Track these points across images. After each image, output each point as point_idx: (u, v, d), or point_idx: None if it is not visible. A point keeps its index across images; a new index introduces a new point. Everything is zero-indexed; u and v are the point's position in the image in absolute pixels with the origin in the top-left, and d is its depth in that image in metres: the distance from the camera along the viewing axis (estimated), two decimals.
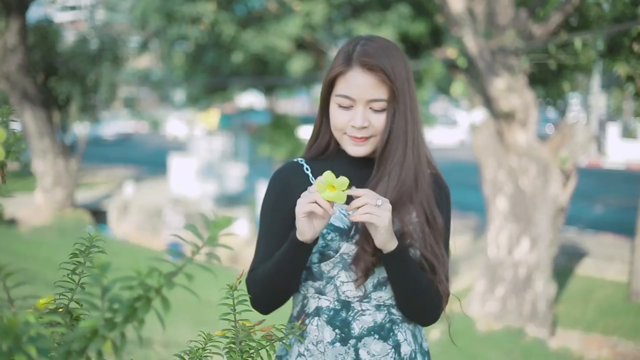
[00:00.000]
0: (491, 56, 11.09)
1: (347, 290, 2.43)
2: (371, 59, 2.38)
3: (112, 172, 33.78)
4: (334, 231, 2.39)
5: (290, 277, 2.37)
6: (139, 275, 1.16)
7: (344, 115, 2.41)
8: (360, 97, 2.39)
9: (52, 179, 23.30)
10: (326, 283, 2.43)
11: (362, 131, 2.41)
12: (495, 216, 11.85)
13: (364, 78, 2.39)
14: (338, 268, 2.41)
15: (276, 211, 2.43)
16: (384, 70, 2.39)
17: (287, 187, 2.46)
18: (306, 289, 2.48)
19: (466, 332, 11.54)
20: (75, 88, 26.73)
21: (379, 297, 2.45)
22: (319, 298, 2.45)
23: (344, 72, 2.40)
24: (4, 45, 21.74)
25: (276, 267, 2.35)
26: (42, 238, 19.14)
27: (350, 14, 18.28)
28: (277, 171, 2.52)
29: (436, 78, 13.28)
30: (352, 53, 2.41)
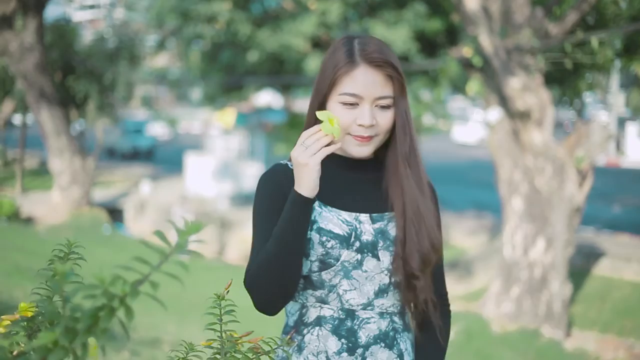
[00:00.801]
0: (507, 55, 11.02)
1: (350, 298, 2.37)
2: (379, 55, 2.34)
3: (129, 170, 33.85)
4: (334, 238, 2.33)
5: (297, 249, 2.26)
6: (102, 283, 1.11)
7: (348, 114, 2.34)
8: (368, 95, 2.34)
9: (69, 178, 23.34)
10: (328, 292, 2.36)
11: (369, 130, 2.36)
12: (511, 216, 11.78)
13: (372, 75, 2.34)
14: (340, 276, 2.35)
15: (271, 211, 2.35)
16: (393, 66, 2.36)
17: (279, 187, 2.39)
18: (305, 298, 2.40)
19: (481, 332, 11.47)
20: (93, 87, 26.81)
21: (381, 305, 2.39)
22: (320, 307, 2.38)
23: (349, 70, 2.34)
24: (21, 45, 21.79)
25: (280, 240, 2.25)
26: (58, 237, 19.16)
27: (366, 13, 18.22)
28: (266, 173, 2.44)
29: (452, 77, 13.20)
30: (354, 51, 2.35)
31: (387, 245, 2.38)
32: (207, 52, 20.99)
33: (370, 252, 2.36)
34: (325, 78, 2.37)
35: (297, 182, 2.27)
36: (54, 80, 25.44)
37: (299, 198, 2.26)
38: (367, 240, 2.36)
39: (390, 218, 2.42)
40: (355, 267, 2.35)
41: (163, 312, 9.29)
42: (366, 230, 2.37)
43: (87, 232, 20.94)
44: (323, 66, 2.41)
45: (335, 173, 2.42)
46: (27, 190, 28.96)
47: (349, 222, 2.37)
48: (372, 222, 2.40)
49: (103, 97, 27.82)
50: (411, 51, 17.33)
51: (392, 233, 2.39)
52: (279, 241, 2.25)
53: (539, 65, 11.09)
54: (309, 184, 2.25)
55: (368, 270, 2.36)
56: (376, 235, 2.37)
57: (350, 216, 2.38)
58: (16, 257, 12.09)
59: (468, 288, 15.11)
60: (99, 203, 25.36)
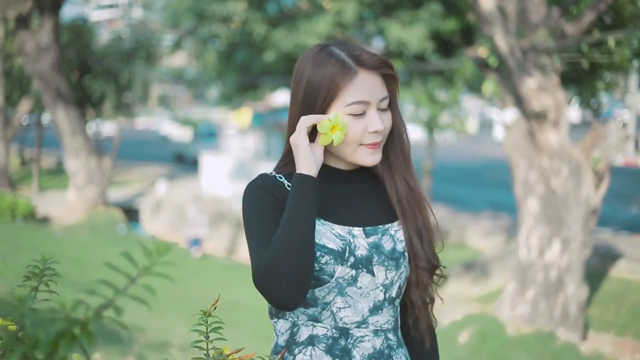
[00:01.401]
0: (523, 55, 10.93)
1: (344, 316, 2.29)
2: (372, 57, 2.30)
3: (146, 170, 33.90)
4: (328, 254, 2.25)
5: (309, 231, 2.18)
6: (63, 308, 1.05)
7: (358, 124, 2.29)
8: (374, 99, 2.30)
9: (85, 177, 23.39)
10: (322, 310, 2.28)
11: (380, 135, 2.32)
12: (527, 217, 11.69)
13: (373, 78, 2.30)
14: (334, 293, 2.27)
15: (267, 215, 2.25)
16: (389, 65, 2.32)
17: (271, 194, 2.30)
18: (296, 316, 2.31)
19: (496, 335, 11.38)
20: (109, 86, 26.88)
21: (375, 322, 2.32)
22: (313, 326, 2.30)
23: (350, 79, 2.27)
24: (38, 44, 21.84)
25: (290, 225, 2.17)
26: (73, 236, 19.21)
27: (381, 12, 18.15)
28: (254, 182, 2.35)
29: (467, 77, 13.12)
30: (344, 59, 2.29)
31: (382, 260, 2.32)
32: (222, 52, 20.98)
33: (364, 268, 2.29)
34: (319, 93, 2.29)
35: (298, 164, 2.24)
36: (71, 80, 25.53)
37: (301, 177, 2.22)
38: (362, 255, 2.29)
39: (384, 231, 2.37)
40: (350, 283, 2.28)
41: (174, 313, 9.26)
42: (360, 245, 2.30)
43: (102, 232, 20.98)
44: (309, 79, 2.31)
45: (325, 185, 2.35)
46: (44, 189, 29.04)
47: (343, 237, 2.29)
48: (365, 236, 2.33)
49: (119, 96, 27.89)
50: (427, 51, 17.25)
51: (386, 247, 2.34)
52: (290, 227, 2.17)
53: (555, 66, 11.00)
54: (308, 163, 2.22)
55: (363, 286, 2.29)
56: (370, 250, 2.31)
57: (344, 230, 2.31)
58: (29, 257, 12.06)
59: (484, 290, 15.01)
60: (115, 203, 25.40)
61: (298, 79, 2.35)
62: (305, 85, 2.32)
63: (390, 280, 2.34)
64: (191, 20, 20.27)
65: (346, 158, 2.35)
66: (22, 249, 13.50)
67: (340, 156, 2.36)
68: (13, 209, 20.12)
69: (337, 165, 2.40)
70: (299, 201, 2.20)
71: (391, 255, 2.34)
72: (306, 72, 2.32)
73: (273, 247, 2.15)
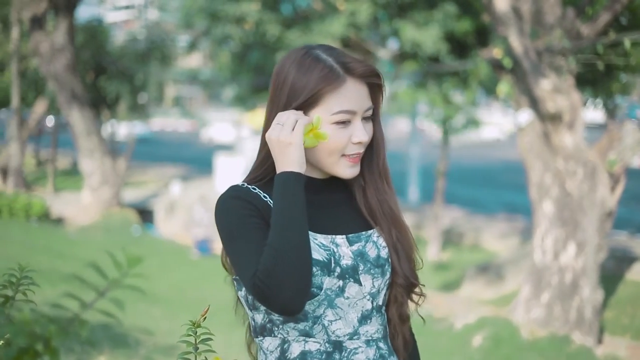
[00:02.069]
0: (537, 56, 10.85)
1: (336, 329, 2.21)
2: (362, 65, 2.23)
3: (161, 171, 33.93)
4: (315, 265, 2.16)
5: (303, 228, 2.08)
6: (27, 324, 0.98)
7: (342, 133, 2.22)
8: (360, 108, 2.23)
9: (100, 178, 23.42)
10: (313, 324, 2.19)
11: (363, 146, 2.26)
12: (541, 220, 11.61)
13: (359, 87, 2.23)
14: (324, 306, 2.19)
15: (251, 222, 2.15)
16: (378, 75, 2.26)
17: (249, 203, 2.20)
18: (285, 331, 2.21)
19: (510, 338, 11.29)
20: (124, 87, 26.93)
21: (366, 332, 2.25)
22: (305, 341, 2.20)
23: (337, 86, 2.20)
24: (52, 45, 21.87)
25: (284, 224, 2.07)
26: (87, 237, 19.21)
27: (395, 13, 18.07)
28: (228, 193, 2.24)
29: (482, 78, 13.04)
30: (333, 65, 2.21)
31: (368, 268, 2.25)
32: (236, 53, 20.95)
33: (351, 278, 2.22)
34: (303, 98, 2.21)
35: (284, 162, 2.14)
36: (86, 81, 25.58)
37: (293, 175, 2.12)
38: (347, 265, 2.22)
39: (367, 238, 2.30)
40: (338, 294, 2.20)
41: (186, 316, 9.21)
42: (345, 254, 2.23)
43: (116, 233, 20.98)
44: (294, 83, 2.22)
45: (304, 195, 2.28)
46: (59, 190, 29.10)
47: (326, 247, 2.21)
48: (349, 244, 2.26)
49: (134, 97, 27.94)
50: (441, 52, 17.16)
51: (371, 254, 2.27)
52: (288, 225, 2.08)
53: (570, 67, 10.91)
54: (298, 160, 2.13)
55: (350, 296, 2.22)
56: (355, 259, 2.24)
57: (326, 239, 2.23)
58: (42, 258, 12.08)
59: (498, 292, 14.94)
60: (129, 204, 25.42)
61: (281, 81, 2.25)
62: (289, 89, 2.23)
63: (377, 289, 2.27)
64: (204, 21, 20.24)
65: (325, 168, 2.28)
66: (35, 249, 13.52)
67: (318, 166, 2.28)
68: (27, 209, 20.14)
69: (313, 175, 2.31)
70: (294, 198, 2.11)
71: (376, 263, 2.27)
72: (290, 75, 2.23)
73: (271, 250, 2.05)
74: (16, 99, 26.08)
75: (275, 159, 2.17)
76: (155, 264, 16.32)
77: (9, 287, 1.88)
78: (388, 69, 20.69)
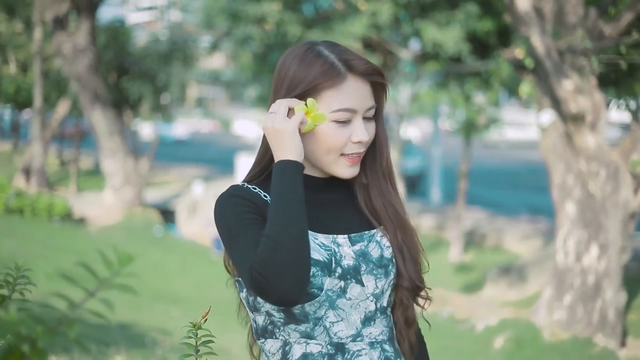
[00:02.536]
0: (559, 56, 10.76)
1: (338, 330, 2.15)
2: (364, 63, 2.18)
3: (183, 171, 34.00)
4: (315, 265, 2.10)
5: (301, 218, 2.03)
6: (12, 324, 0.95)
7: (342, 132, 2.16)
8: (362, 107, 2.17)
9: (122, 178, 23.50)
10: (314, 325, 2.14)
11: (363, 146, 2.20)
12: (564, 221, 11.52)
13: (361, 85, 2.18)
14: (325, 307, 2.13)
15: (251, 218, 2.11)
16: (381, 73, 2.21)
17: (248, 201, 2.16)
18: (287, 333, 2.17)
19: (532, 341, 11.22)
20: (147, 87, 27.01)
21: (369, 334, 2.19)
22: (306, 343, 2.15)
23: (336, 83, 2.15)
24: (74, 46, 21.97)
25: (281, 214, 2.02)
26: (109, 238, 19.26)
27: (417, 14, 18.00)
28: (224, 194, 2.21)
29: (503, 79, 12.96)
30: (334, 61, 2.16)
31: (370, 268, 2.19)
32: (258, 53, 20.94)
33: (353, 278, 2.16)
34: (301, 91, 2.17)
35: (281, 150, 2.09)
36: (108, 82, 25.68)
37: (290, 163, 2.07)
38: (349, 265, 2.16)
39: (370, 237, 2.24)
40: (339, 295, 2.14)
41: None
42: (346, 254, 2.17)
43: (138, 233, 21.03)
44: (294, 77, 2.18)
45: (304, 194, 2.24)
46: (82, 190, 29.22)
47: (327, 246, 2.16)
48: (351, 244, 2.20)
49: (157, 97, 28.03)
50: (463, 52, 17.09)
51: (374, 255, 2.21)
52: (284, 215, 2.02)
53: (592, 67, 10.82)
54: (295, 148, 2.08)
55: (352, 297, 2.16)
56: (357, 259, 2.18)
57: (327, 239, 2.18)
58: (62, 258, 12.09)
59: (520, 294, 14.85)
60: (151, 204, 25.48)
61: (282, 75, 2.21)
62: (289, 83, 2.19)
63: (380, 289, 2.21)
64: (225, 22, 20.25)
65: (323, 167, 2.23)
66: (56, 249, 13.55)
67: (317, 165, 2.23)
68: (50, 209, 20.23)
69: (313, 174, 2.26)
70: (290, 186, 2.06)
71: (379, 263, 2.21)
72: (291, 69, 2.19)
73: (268, 240, 1.99)
74: (39, 100, 26.23)
75: (273, 149, 2.13)
76: (175, 264, 16.34)
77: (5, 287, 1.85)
78: (410, 69, 20.64)
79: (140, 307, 9.27)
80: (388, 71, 19.53)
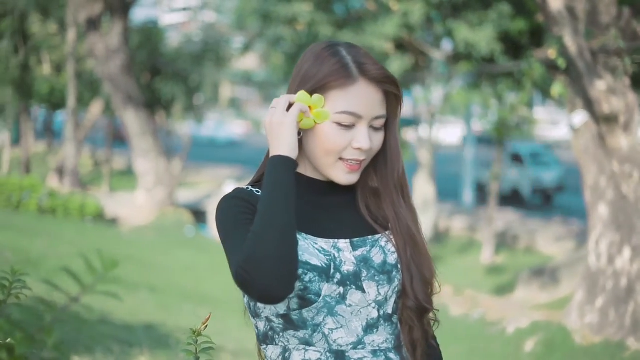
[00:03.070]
0: (592, 57, 10.64)
1: (338, 338, 2.10)
2: (379, 69, 2.12)
3: (216, 171, 34.11)
4: (312, 271, 2.06)
5: (289, 214, 1.97)
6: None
7: (343, 136, 2.12)
8: (367, 115, 2.12)
9: (154, 179, 23.59)
10: (312, 332, 2.10)
11: (364, 153, 2.14)
12: (596, 223, 11.39)
13: (372, 92, 2.13)
14: (323, 314, 2.08)
15: (244, 214, 2.07)
16: (394, 82, 2.15)
17: (248, 203, 2.11)
18: (286, 339, 2.13)
19: (563, 344, 11.11)
20: (179, 88, 27.14)
21: (372, 342, 2.13)
22: (305, 350, 2.11)
23: (345, 85, 2.11)
24: (107, 47, 22.10)
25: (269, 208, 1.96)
26: (140, 238, 19.34)
27: (449, 14, 17.91)
28: (230, 194, 2.17)
29: (536, 79, 12.85)
30: (348, 63, 2.12)
31: (372, 274, 2.13)
32: (289, 54, 20.94)
33: (353, 285, 2.10)
34: (307, 84, 2.14)
35: (276, 146, 2.05)
36: (141, 82, 25.82)
37: (281, 159, 2.03)
38: (349, 271, 2.11)
39: (373, 242, 2.18)
40: (339, 302, 2.09)
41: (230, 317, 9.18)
42: (346, 260, 2.12)
43: (169, 234, 21.11)
44: (306, 73, 2.16)
45: (306, 197, 2.17)
46: (115, 190, 29.40)
47: (327, 251, 2.11)
48: (352, 249, 2.14)
49: (190, 98, 28.15)
50: (495, 52, 16.98)
51: (376, 260, 2.15)
52: (270, 210, 1.97)
53: (626, 67, 10.69)
54: (290, 144, 2.04)
55: (353, 304, 2.11)
56: (358, 264, 2.12)
57: (328, 244, 2.13)
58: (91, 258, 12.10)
59: (552, 296, 14.74)
60: (183, 204, 25.56)
61: (297, 72, 2.20)
62: (301, 78, 2.17)
63: (383, 296, 2.15)
64: (257, 22, 20.27)
65: (321, 169, 2.18)
66: (86, 249, 13.59)
67: (316, 166, 2.19)
68: (82, 209, 20.34)
69: (317, 176, 2.22)
70: (278, 181, 2.01)
71: (382, 269, 2.15)
72: (305, 66, 2.17)
73: (252, 235, 1.95)
74: (72, 100, 26.41)
75: (269, 143, 2.09)
76: (206, 265, 16.36)
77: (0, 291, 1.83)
78: (442, 69, 20.55)
79: (168, 307, 9.28)
80: (420, 72, 19.46)
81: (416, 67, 19.57)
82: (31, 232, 14.44)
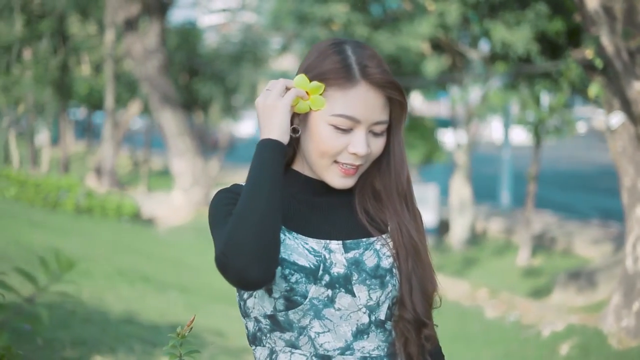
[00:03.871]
0: (630, 57, 10.50)
1: (324, 342, 2.04)
2: (382, 74, 2.06)
3: None
4: (299, 271, 2.01)
5: (273, 197, 1.92)
6: None
7: (339, 139, 2.06)
8: (366, 119, 2.06)
9: (190, 179, 23.65)
10: (298, 334, 2.05)
11: (361, 159, 2.08)
12: (634, 226, 11.24)
13: (372, 96, 2.06)
14: (309, 317, 2.03)
15: (233, 205, 2.02)
16: (398, 88, 2.08)
17: (237, 194, 2.07)
18: (273, 341, 2.08)
19: (599, 348, 10.97)
20: (217, 88, 27.24)
21: (362, 348, 2.07)
22: (291, 352, 2.06)
23: (345, 87, 2.05)
24: (144, 48, 22.23)
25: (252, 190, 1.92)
26: (176, 238, 19.40)
27: (486, 14, 17.78)
28: (225, 188, 2.16)
29: (573, 80, 12.72)
30: (351, 63, 2.06)
31: (363, 278, 2.06)
32: None
33: (342, 287, 2.04)
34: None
35: (267, 129, 2.00)
36: (178, 83, 25.95)
37: (270, 142, 1.97)
38: (338, 274, 2.05)
39: (367, 245, 2.11)
40: (327, 305, 2.03)
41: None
42: (337, 262, 2.06)
43: (206, 234, 21.07)
44: (307, 67, 2.12)
45: (298, 194, 2.13)
46: (152, 190, 29.56)
47: (317, 252, 2.05)
48: (344, 251, 2.08)
49: (227, 99, 28.25)
50: (532, 53, 16.83)
51: (369, 264, 2.08)
52: (253, 192, 1.92)
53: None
54: (281, 127, 1.99)
55: (342, 308, 2.05)
56: (349, 267, 2.06)
57: (319, 244, 2.07)
58: (127, 258, 12.19)
59: (589, 300, 14.58)
60: None
61: (300, 66, 2.16)
62: (302, 72, 2.12)
63: (375, 301, 2.08)
64: (293, 23, 20.26)
65: (315, 170, 2.13)
66: (121, 249, 13.66)
67: (310, 166, 2.14)
68: (119, 209, 20.44)
69: (314, 176, 2.16)
70: (265, 164, 1.96)
71: (374, 273, 2.08)
72: (309, 60, 2.13)
73: (233, 218, 1.91)
74: (110, 101, 26.61)
75: (260, 127, 2.03)
76: None
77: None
78: (479, 70, 20.42)
79: (198, 308, 9.27)
80: (457, 72, 19.34)
81: (453, 67, 19.46)
82: (67, 231, 14.53)
